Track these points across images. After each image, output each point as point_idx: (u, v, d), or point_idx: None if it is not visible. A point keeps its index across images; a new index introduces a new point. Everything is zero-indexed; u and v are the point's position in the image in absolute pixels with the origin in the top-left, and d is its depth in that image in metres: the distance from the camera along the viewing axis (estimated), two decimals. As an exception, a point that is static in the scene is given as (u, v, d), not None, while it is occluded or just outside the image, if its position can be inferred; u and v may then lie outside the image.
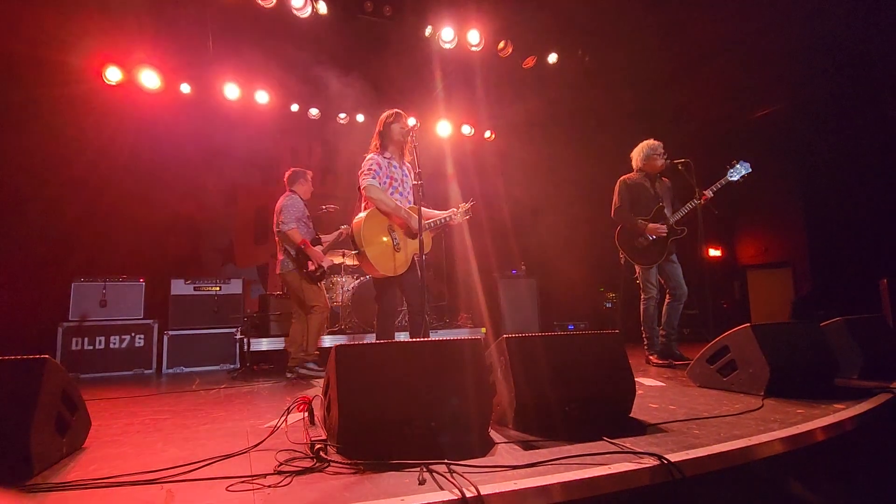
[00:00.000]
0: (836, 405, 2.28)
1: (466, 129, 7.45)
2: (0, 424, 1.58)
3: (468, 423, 1.86)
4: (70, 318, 4.75)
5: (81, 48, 5.09)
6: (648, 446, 1.72)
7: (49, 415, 1.74)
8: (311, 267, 4.06)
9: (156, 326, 5.01)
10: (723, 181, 4.04)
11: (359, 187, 3.33)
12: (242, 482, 1.49)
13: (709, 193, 4.02)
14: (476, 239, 6.58)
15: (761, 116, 6.48)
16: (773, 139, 6.29)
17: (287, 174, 4.35)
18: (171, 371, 4.87)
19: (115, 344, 4.85)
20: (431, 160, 6.41)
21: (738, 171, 4.03)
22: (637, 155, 4.31)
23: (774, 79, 5.88)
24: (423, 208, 3.39)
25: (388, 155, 3.46)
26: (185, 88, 5.89)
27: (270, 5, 4.81)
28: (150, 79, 5.62)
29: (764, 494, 1.75)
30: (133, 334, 4.93)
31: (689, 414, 2.27)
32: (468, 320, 6.17)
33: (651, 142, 4.27)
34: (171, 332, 4.98)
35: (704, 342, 3.07)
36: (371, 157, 3.40)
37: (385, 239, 3.28)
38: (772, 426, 1.98)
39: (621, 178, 4.31)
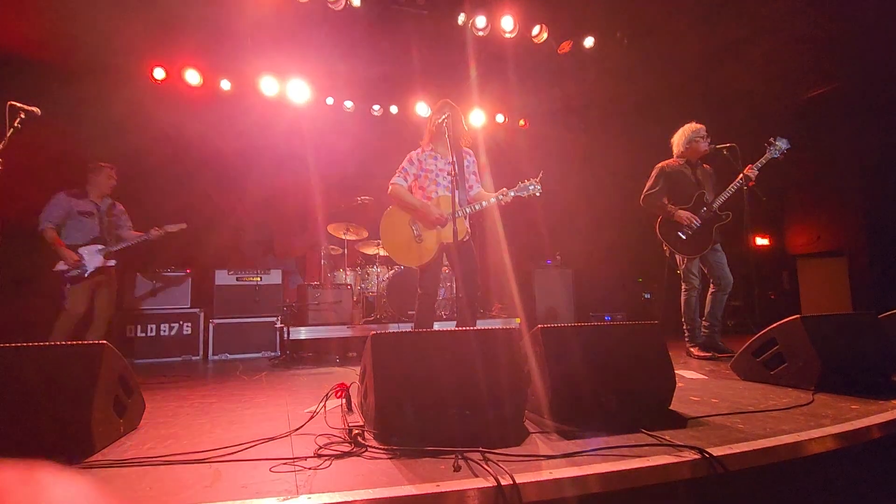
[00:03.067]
0: (894, 401, 2.15)
1: (500, 118, 7.37)
2: (65, 406, 1.70)
3: (503, 412, 1.86)
4: (124, 307, 5.03)
5: (130, 49, 5.33)
6: (689, 439, 1.68)
7: (108, 397, 1.85)
8: (61, 266, 3.93)
9: (202, 315, 5.24)
10: (764, 159, 3.87)
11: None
12: (285, 464, 1.55)
13: (753, 171, 3.85)
14: (510, 228, 6.51)
15: (815, 96, 6.10)
16: (828, 119, 5.92)
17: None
18: (216, 357, 5.09)
19: (165, 331, 5.11)
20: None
21: (778, 148, 3.86)
22: (678, 140, 4.15)
23: (830, 55, 5.51)
24: (481, 191, 3.67)
25: (430, 147, 3.60)
26: (226, 85, 6.08)
27: None
28: (192, 76, 5.84)
29: (813, 493, 1.68)
30: (181, 322, 5.18)
31: (732, 407, 2.19)
32: (502, 311, 6.15)
33: (693, 125, 4.10)
34: (215, 321, 5.20)
35: (750, 334, 2.95)
36: (407, 156, 3.58)
37: (405, 232, 3.45)
38: (823, 422, 1.89)
39: (660, 163, 4.16)
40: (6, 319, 4.33)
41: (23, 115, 2.71)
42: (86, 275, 3.98)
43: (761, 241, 6.94)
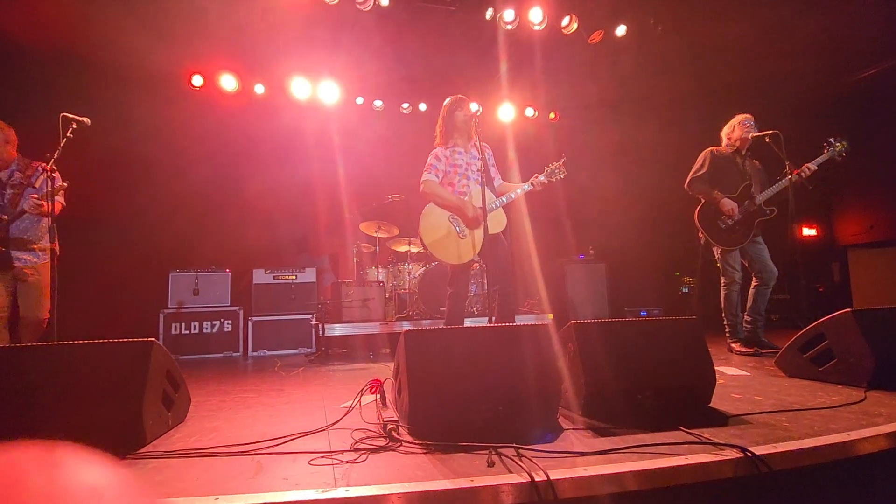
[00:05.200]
0: (957, 400, 2.03)
1: (529, 112, 7.28)
2: (117, 399, 1.80)
3: (536, 409, 1.86)
4: (169, 306, 5.27)
5: (170, 57, 5.55)
6: (730, 438, 1.63)
7: (156, 391, 1.95)
8: None
9: (241, 313, 5.42)
10: (820, 159, 3.70)
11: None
12: (323, 457, 1.59)
13: (811, 166, 3.67)
14: (541, 223, 6.44)
15: (867, 77, 5.75)
16: (881, 101, 5.58)
17: None
18: (255, 354, 5.27)
19: (207, 329, 5.32)
20: (493, 144, 6.35)
21: (838, 150, 3.70)
22: (726, 130, 4.05)
23: (882, 33, 5.18)
24: (504, 183, 3.61)
25: (451, 144, 3.54)
26: (259, 89, 6.26)
27: (335, 2, 4.95)
28: (228, 81, 6.04)
29: (864, 495, 1.60)
30: (222, 320, 5.38)
31: (777, 405, 2.11)
32: (534, 306, 6.09)
33: (743, 115, 3.99)
34: (254, 318, 5.37)
35: (796, 329, 2.82)
36: (432, 153, 3.51)
37: (446, 229, 3.38)
38: (876, 420, 1.79)
39: (710, 148, 4.04)
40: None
41: (74, 126, 2.87)
42: None
43: (808, 232, 6.62)
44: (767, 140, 3.82)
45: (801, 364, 2.70)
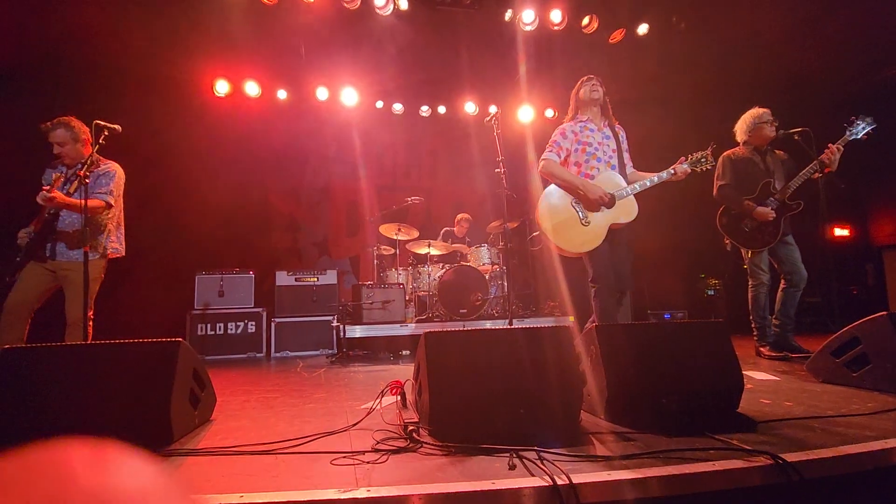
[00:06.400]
0: None
1: (549, 113, 7.23)
2: (147, 397, 1.85)
3: (558, 412, 1.84)
4: (195, 307, 5.39)
5: (194, 65, 5.71)
6: (759, 444, 1.58)
7: (184, 390, 2.00)
8: None
9: (264, 314, 5.52)
10: (842, 142, 3.49)
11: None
12: (344, 457, 1.60)
13: (830, 156, 3.50)
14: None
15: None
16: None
17: None
18: (278, 355, 5.35)
19: (231, 330, 5.43)
20: (512, 146, 6.31)
21: (860, 129, 3.48)
22: (741, 127, 3.89)
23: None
24: (636, 171, 3.30)
25: (583, 118, 3.27)
26: (282, 94, 6.37)
27: (355, 7, 5.02)
28: (251, 88, 6.17)
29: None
30: (246, 321, 5.48)
31: (809, 411, 2.04)
32: (555, 308, 6.04)
33: (756, 110, 3.82)
34: (277, 320, 5.46)
35: (828, 333, 2.73)
36: (558, 129, 3.26)
37: (568, 213, 3.08)
38: (916, 429, 1.72)
39: (725, 153, 3.91)
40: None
41: (106, 133, 2.96)
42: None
43: (840, 232, 6.39)
44: (797, 138, 3.71)
45: (833, 369, 2.61)
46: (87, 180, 2.97)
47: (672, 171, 3.15)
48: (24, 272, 3.20)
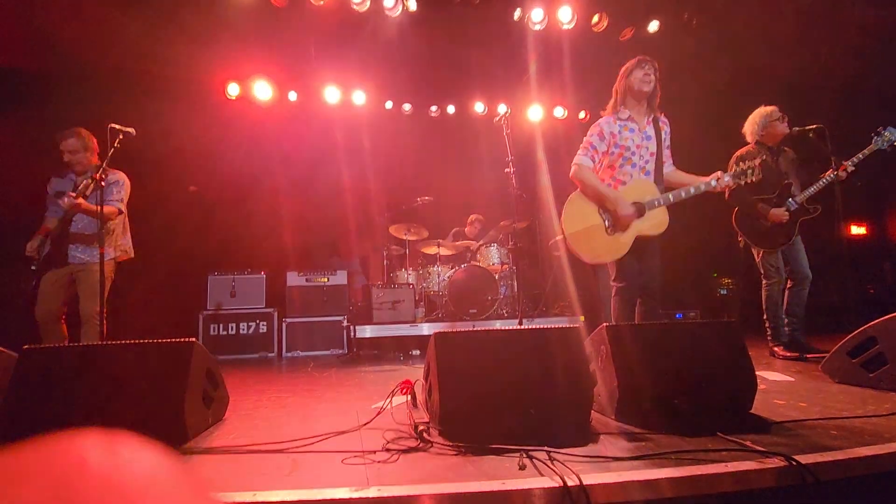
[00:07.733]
0: None
1: (559, 112, 7.20)
2: (161, 396, 1.88)
3: (568, 412, 1.83)
4: (208, 308, 5.45)
5: (206, 68, 5.77)
6: (773, 445, 1.57)
7: (197, 390, 2.02)
8: None
9: (275, 314, 5.56)
10: (866, 151, 3.45)
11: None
12: (355, 456, 1.62)
13: (849, 166, 3.46)
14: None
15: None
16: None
17: None
18: (289, 355, 5.39)
19: (243, 330, 5.48)
20: (522, 144, 6.29)
21: (886, 139, 3.43)
22: (751, 128, 3.82)
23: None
24: (675, 171, 3.09)
25: (625, 115, 2.98)
26: (293, 96, 6.42)
27: (364, 9, 5.04)
28: (263, 91, 6.22)
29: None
30: (258, 321, 5.53)
31: (824, 412, 2.01)
32: (565, 308, 6.01)
33: (763, 108, 3.76)
34: (288, 320, 5.50)
35: (844, 332, 2.68)
36: (596, 125, 2.98)
37: (594, 220, 2.92)
38: (935, 431, 1.69)
39: (735, 153, 3.85)
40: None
41: (121, 136, 3.02)
42: None
43: (857, 230, 6.29)
44: (812, 135, 3.65)
45: (850, 369, 2.57)
46: (103, 184, 3.04)
47: (712, 184, 2.94)
48: (42, 282, 3.32)
